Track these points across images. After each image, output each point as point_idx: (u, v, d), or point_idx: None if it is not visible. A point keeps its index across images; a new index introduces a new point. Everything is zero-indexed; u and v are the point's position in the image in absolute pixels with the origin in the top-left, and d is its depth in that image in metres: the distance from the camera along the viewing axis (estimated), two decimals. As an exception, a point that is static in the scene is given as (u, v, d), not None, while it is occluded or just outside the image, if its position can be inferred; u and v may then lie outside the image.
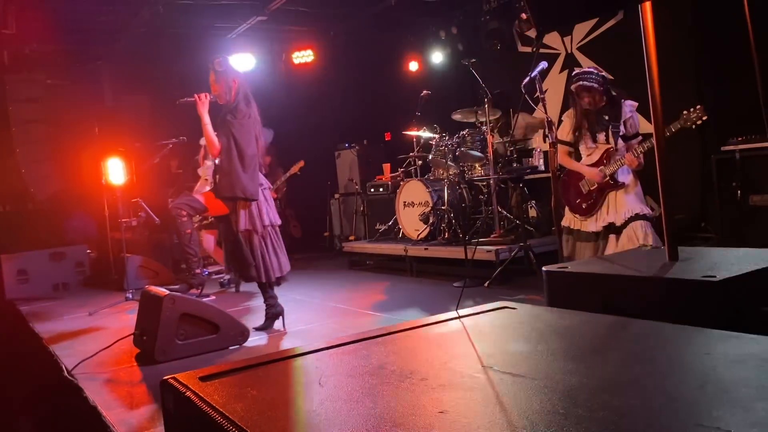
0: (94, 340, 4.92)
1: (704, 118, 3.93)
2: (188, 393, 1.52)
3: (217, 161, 4.79)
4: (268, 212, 4.73)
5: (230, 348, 4.40)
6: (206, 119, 4.59)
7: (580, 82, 4.31)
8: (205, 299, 4.82)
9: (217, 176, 4.68)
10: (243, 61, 9.26)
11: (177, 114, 8.77)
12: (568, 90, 4.57)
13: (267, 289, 4.88)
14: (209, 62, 4.78)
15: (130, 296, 6.67)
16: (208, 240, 6.75)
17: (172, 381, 1.63)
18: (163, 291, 4.38)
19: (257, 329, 4.85)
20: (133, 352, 4.47)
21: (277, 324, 4.93)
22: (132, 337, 4.56)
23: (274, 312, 4.92)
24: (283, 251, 4.86)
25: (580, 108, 4.41)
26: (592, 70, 4.36)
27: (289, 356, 1.76)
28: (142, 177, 8.02)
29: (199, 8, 7.64)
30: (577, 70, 4.47)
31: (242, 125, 4.61)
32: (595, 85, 4.26)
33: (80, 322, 5.89)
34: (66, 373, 3.99)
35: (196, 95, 4.64)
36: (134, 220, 8.50)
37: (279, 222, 4.85)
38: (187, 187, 9.17)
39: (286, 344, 4.46)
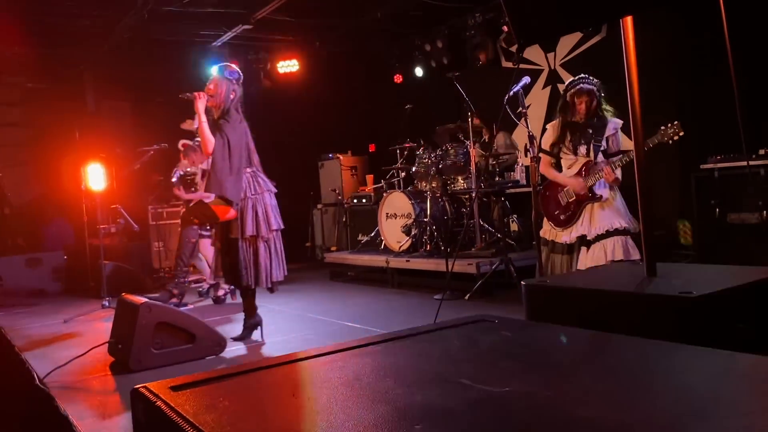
0: (68, 348, 4.84)
1: (681, 133, 3.96)
2: (159, 403, 1.49)
3: (206, 162, 4.88)
4: (276, 217, 4.79)
5: (207, 358, 4.35)
6: (203, 117, 4.65)
7: (580, 85, 4.29)
8: (182, 308, 4.76)
9: (209, 173, 4.70)
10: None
11: (159, 120, 8.77)
12: (556, 104, 4.58)
13: (252, 296, 4.86)
14: (222, 66, 4.94)
15: (107, 304, 6.57)
16: (207, 245, 6.67)
17: (143, 390, 1.60)
18: (139, 299, 4.33)
19: (235, 339, 4.80)
20: (107, 361, 4.40)
21: (256, 334, 4.89)
22: (107, 345, 4.49)
23: (252, 322, 4.89)
24: (281, 258, 4.88)
25: (568, 118, 4.39)
26: (587, 76, 4.36)
27: (263, 367, 1.73)
28: (122, 183, 7.95)
29: (183, 16, 7.61)
30: (572, 78, 4.47)
31: (235, 129, 4.69)
32: (594, 88, 4.27)
33: (55, 329, 5.79)
34: (38, 382, 3.90)
35: (196, 93, 4.72)
36: (113, 227, 8.40)
37: (282, 227, 4.88)
38: (173, 196, 9.11)
39: (264, 354, 4.42)
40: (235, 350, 4.58)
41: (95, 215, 7.32)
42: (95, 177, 7.07)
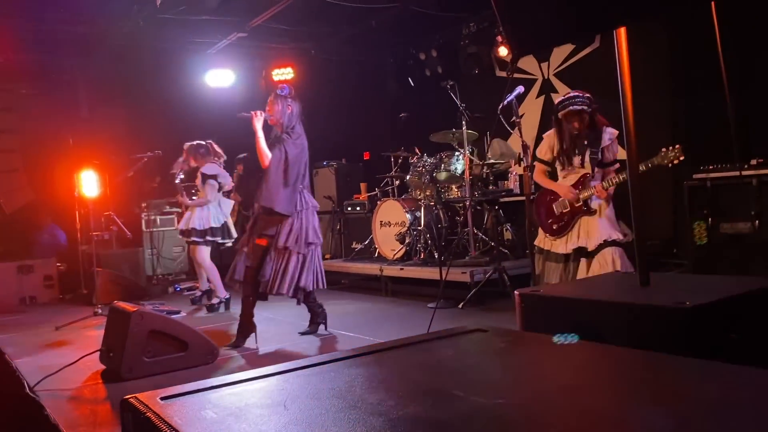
0: (59, 356, 4.80)
1: (681, 158, 3.96)
2: (148, 413, 1.47)
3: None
4: (316, 231, 4.97)
5: (199, 367, 4.32)
6: (260, 133, 4.92)
7: (570, 107, 4.25)
8: (174, 316, 4.74)
9: (262, 185, 4.90)
10: (222, 77, 9.23)
11: (153, 127, 8.76)
12: (550, 114, 4.57)
13: (308, 300, 5.10)
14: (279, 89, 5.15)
15: (99, 311, 6.53)
16: (203, 253, 6.65)
17: (132, 400, 1.58)
18: (131, 306, 4.30)
19: (303, 333, 5.15)
20: (99, 369, 4.37)
21: (250, 341, 4.90)
22: (98, 353, 4.45)
23: (321, 316, 5.23)
24: (318, 269, 5.03)
25: (565, 133, 4.37)
26: (577, 94, 4.33)
27: (256, 377, 1.72)
28: (115, 190, 7.92)
29: (179, 23, 7.60)
30: (561, 98, 4.42)
31: (296, 145, 4.92)
32: (585, 108, 4.26)
33: (46, 336, 5.75)
34: (28, 390, 3.88)
35: (252, 112, 4.99)
36: (106, 234, 8.37)
37: (321, 241, 5.07)
38: (167, 202, 9.09)
39: (257, 364, 4.39)
40: (227, 359, 4.55)
41: (88, 222, 7.29)
42: (89, 184, 7.05)
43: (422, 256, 6.92)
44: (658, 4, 2.09)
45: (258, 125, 4.94)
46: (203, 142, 6.80)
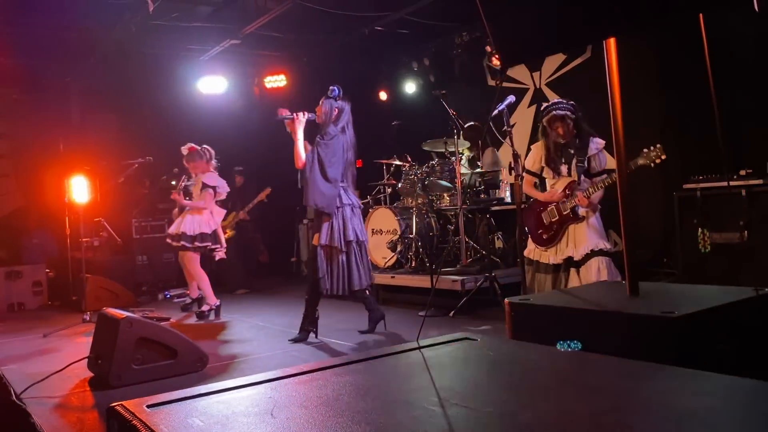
0: (46, 363, 4.76)
1: (663, 157, 3.99)
2: (134, 421, 1.46)
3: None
4: (354, 228, 5.09)
5: (188, 374, 4.29)
6: (299, 135, 5.09)
7: (553, 112, 4.33)
8: (162, 323, 4.71)
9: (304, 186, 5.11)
10: (215, 84, 9.23)
11: (144, 133, 8.73)
12: (538, 123, 4.61)
13: (365, 297, 5.28)
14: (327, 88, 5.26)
15: (88, 318, 6.49)
16: (193, 260, 6.61)
17: (119, 408, 1.58)
18: (120, 313, 4.27)
19: (363, 332, 5.32)
20: (87, 377, 4.34)
21: (311, 337, 5.24)
22: (87, 360, 4.42)
23: (376, 316, 5.37)
24: (364, 266, 5.17)
25: (551, 140, 4.44)
26: (561, 100, 4.40)
27: (243, 385, 1.72)
28: (105, 196, 7.88)
29: (171, 29, 7.59)
30: (546, 104, 4.51)
31: (327, 145, 5.05)
32: (568, 113, 4.30)
33: (33, 343, 5.71)
34: (14, 397, 3.84)
35: (294, 113, 5.13)
36: (96, 240, 8.32)
37: (365, 238, 5.23)
38: (157, 209, 9.06)
39: (246, 371, 4.37)
40: (216, 367, 4.53)
41: (78, 228, 7.24)
42: (79, 189, 7.01)
43: (413, 264, 6.92)
44: (643, 17, 2.10)
45: (299, 128, 5.09)
46: (208, 148, 6.80)
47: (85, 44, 8.06)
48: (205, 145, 6.82)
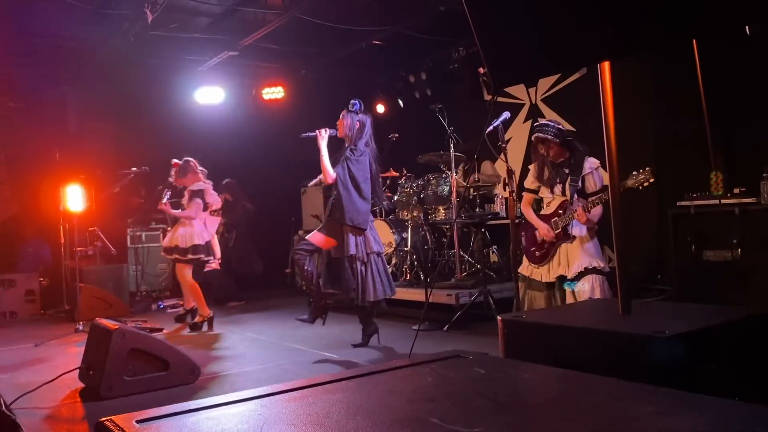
0: (37, 373, 4.74)
1: (651, 180, 4.01)
2: (123, 437, 1.46)
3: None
4: (375, 240, 5.20)
5: (180, 386, 4.27)
6: (324, 151, 5.20)
7: (537, 134, 4.38)
8: (155, 334, 4.70)
9: (332, 204, 5.20)
10: (212, 94, 9.25)
11: (141, 143, 8.74)
12: (532, 140, 4.63)
13: (364, 311, 5.30)
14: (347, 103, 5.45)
15: (80, 328, 6.46)
16: (186, 271, 6.59)
17: (108, 423, 1.57)
18: (113, 324, 4.26)
19: (355, 346, 5.31)
20: (78, 387, 4.32)
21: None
22: (78, 371, 4.40)
23: (370, 330, 5.37)
24: (384, 277, 5.23)
25: (540, 158, 4.47)
26: (549, 122, 4.41)
27: (233, 401, 1.71)
28: (101, 205, 7.87)
29: (170, 40, 7.62)
30: (537, 123, 4.54)
31: (359, 161, 5.15)
32: (549, 137, 4.31)
33: (25, 353, 5.68)
34: (4, 408, 3.81)
35: (317, 130, 5.27)
36: (90, 249, 8.30)
37: (383, 250, 5.32)
38: (152, 219, 9.04)
39: (238, 384, 4.36)
40: (209, 379, 4.51)
41: (73, 237, 7.23)
42: (74, 198, 7.01)
43: (408, 277, 6.92)
44: (637, 44, 2.13)
45: (323, 144, 5.20)
46: (190, 159, 6.77)
47: (83, 53, 8.09)
48: (186, 158, 6.77)
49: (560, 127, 4.38)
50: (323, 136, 5.21)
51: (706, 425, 1.45)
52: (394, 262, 7.06)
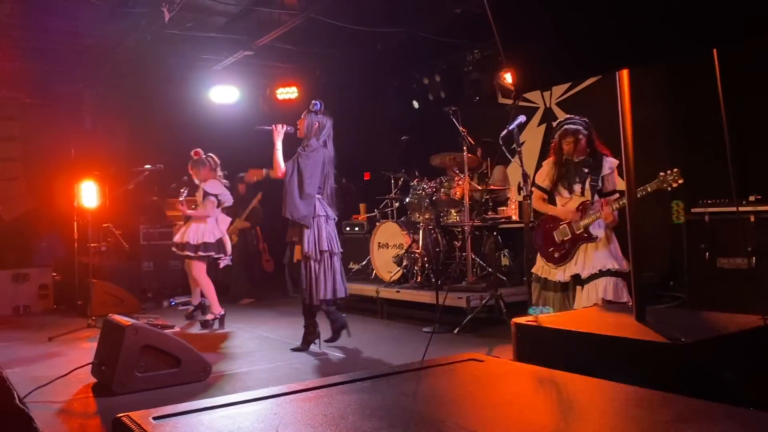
0: (51, 367, 4.77)
1: (680, 181, 3.96)
2: (140, 433, 1.47)
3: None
4: (329, 240, 5.19)
5: (191, 384, 4.29)
6: (278, 146, 5.24)
7: (565, 126, 4.31)
8: (167, 331, 4.72)
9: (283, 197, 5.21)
10: (227, 93, 9.28)
11: (156, 141, 8.79)
12: (551, 142, 4.59)
13: (310, 311, 5.26)
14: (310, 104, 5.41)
15: (93, 323, 6.50)
16: (199, 268, 6.62)
17: (125, 419, 1.58)
18: (126, 320, 4.28)
19: (327, 341, 5.33)
20: (90, 382, 4.34)
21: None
22: (90, 366, 4.43)
23: (338, 325, 5.37)
24: (338, 277, 5.25)
25: (560, 157, 4.40)
26: (574, 116, 4.38)
27: (248, 400, 1.72)
28: (114, 202, 7.92)
29: (186, 39, 7.67)
30: (559, 120, 4.49)
31: (308, 156, 5.18)
32: (581, 128, 4.28)
33: (38, 347, 5.72)
34: (18, 401, 3.84)
35: (273, 125, 5.29)
36: (103, 246, 8.35)
37: (339, 250, 5.32)
38: (166, 216, 9.09)
39: (249, 383, 4.37)
40: (220, 376, 4.53)
41: (86, 233, 7.28)
42: (88, 195, 7.05)
43: (419, 280, 6.91)
44: (657, 53, 2.12)
45: (278, 138, 5.24)
46: (212, 157, 6.83)
47: (100, 51, 8.15)
48: (210, 154, 6.84)
49: (586, 119, 4.34)
50: (279, 131, 5.27)
51: (723, 434, 1.44)
52: (405, 263, 7.06)
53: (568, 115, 4.44)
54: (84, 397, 4.08)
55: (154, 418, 1.57)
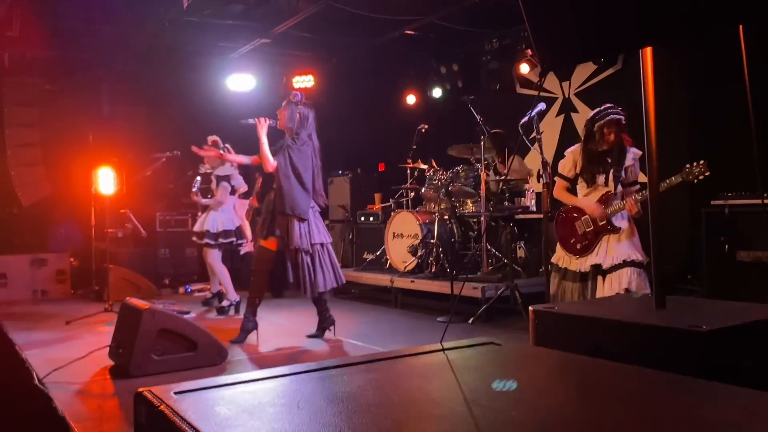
0: (68, 350, 4.83)
1: (707, 173, 3.89)
2: (162, 407, 1.48)
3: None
4: (319, 231, 5.13)
5: (208, 367, 4.32)
6: (264, 140, 5.12)
7: (611, 116, 4.19)
8: (184, 316, 4.75)
9: (274, 194, 5.13)
10: (243, 81, 9.29)
11: (173, 128, 8.83)
12: (569, 132, 4.54)
13: (320, 302, 5.25)
14: (289, 94, 5.40)
15: (110, 308, 6.56)
16: (214, 256, 6.67)
17: (146, 394, 1.59)
18: (143, 303, 4.32)
19: (310, 336, 5.28)
20: (107, 365, 4.39)
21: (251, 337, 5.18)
22: (108, 349, 4.47)
23: (326, 323, 5.31)
24: (330, 268, 5.17)
25: (594, 146, 4.31)
26: (612, 105, 4.28)
27: (268, 377, 1.72)
28: (132, 188, 7.97)
29: (203, 26, 7.68)
30: (596, 110, 4.35)
31: (300, 150, 5.11)
32: (623, 118, 4.21)
33: (56, 330, 5.79)
34: (37, 381, 3.89)
35: (257, 118, 5.18)
36: (120, 232, 8.42)
37: (329, 240, 5.25)
38: (182, 204, 9.14)
39: (265, 367, 4.38)
40: (235, 362, 4.56)
41: (103, 219, 7.34)
42: (106, 181, 7.11)
43: (433, 270, 6.90)
44: (682, 27, 2.08)
45: (262, 132, 5.12)
46: (228, 148, 6.85)
47: (119, 38, 8.18)
48: (227, 144, 6.85)
49: (621, 108, 4.26)
50: (263, 125, 5.15)
51: (744, 417, 1.43)
52: (419, 253, 7.05)
53: (609, 105, 4.30)
54: (101, 379, 4.12)
55: (176, 393, 1.58)
